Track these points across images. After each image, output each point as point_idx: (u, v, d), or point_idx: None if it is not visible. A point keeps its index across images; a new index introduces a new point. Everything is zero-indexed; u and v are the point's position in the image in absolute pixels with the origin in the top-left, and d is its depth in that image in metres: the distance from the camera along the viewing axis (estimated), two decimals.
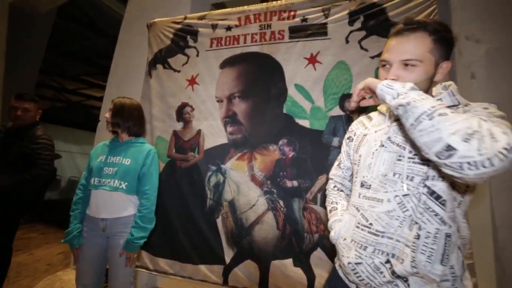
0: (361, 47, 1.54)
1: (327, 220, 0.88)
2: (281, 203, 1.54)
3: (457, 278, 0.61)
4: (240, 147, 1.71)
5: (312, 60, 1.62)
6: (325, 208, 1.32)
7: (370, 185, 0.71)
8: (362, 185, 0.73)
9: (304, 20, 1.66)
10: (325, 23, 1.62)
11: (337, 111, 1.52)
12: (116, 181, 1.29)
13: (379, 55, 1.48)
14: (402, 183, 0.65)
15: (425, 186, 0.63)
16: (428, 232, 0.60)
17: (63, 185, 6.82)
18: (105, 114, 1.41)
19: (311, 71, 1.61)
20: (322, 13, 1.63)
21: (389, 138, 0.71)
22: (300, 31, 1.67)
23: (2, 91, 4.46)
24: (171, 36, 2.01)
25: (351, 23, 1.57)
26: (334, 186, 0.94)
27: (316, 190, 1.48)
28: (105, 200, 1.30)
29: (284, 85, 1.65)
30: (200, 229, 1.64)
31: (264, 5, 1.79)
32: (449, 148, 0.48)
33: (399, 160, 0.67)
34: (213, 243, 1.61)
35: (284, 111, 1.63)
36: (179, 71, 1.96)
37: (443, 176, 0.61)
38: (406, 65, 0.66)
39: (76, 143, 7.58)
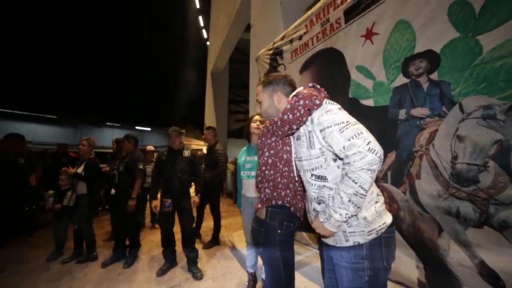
0: None
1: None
2: None
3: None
4: None
5: (369, 34, 1.54)
6: (395, 185, 1.35)
7: None
8: None
9: None
10: None
11: (400, 80, 1.35)
12: (253, 172, 1.96)
13: None
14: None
15: (312, 175, 0.95)
16: (325, 197, 0.93)
17: None
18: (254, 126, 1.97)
19: (369, 47, 1.54)
20: None
21: None
22: (354, 10, 1.64)
23: (216, 123, 7.46)
24: (268, 61, 2.69)
25: None
26: None
27: (385, 168, 1.41)
28: (250, 185, 1.91)
29: (347, 70, 1.70)
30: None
31: (321, 1, 1.92)
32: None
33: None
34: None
35: (350, 96, 1.68)
36: None
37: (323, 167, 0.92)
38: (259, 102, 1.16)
39: None
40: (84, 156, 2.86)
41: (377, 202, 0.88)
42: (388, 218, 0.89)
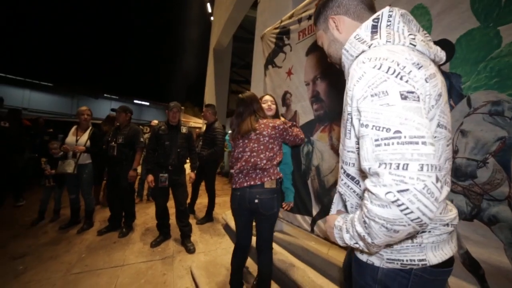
0: None
1: None
2: None
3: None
4: (322, 121, 1.95)
5: None
6: None
7: None
8: None
9: None
10: None
11: None
12: None
13: None
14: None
15: (342, 167, 0.75)
16: (351, 203, 0.75)
17: None
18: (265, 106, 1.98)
19: None
20: None
21: None
22: None
23: (216, 101, 7.31)
24: (274, 40, 2.58)
25: None
26: None
27: None
28: None
29: None
30: (298, 188, 2.14)
31: None
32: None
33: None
34: (305, 199, 2.06)
35: None
36: (280, 67, 2.49)
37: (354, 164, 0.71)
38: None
39: None
40: (85, 126, 2.91)
41: (425, 232, 0.62)
42: (434, 257, 0.62)
